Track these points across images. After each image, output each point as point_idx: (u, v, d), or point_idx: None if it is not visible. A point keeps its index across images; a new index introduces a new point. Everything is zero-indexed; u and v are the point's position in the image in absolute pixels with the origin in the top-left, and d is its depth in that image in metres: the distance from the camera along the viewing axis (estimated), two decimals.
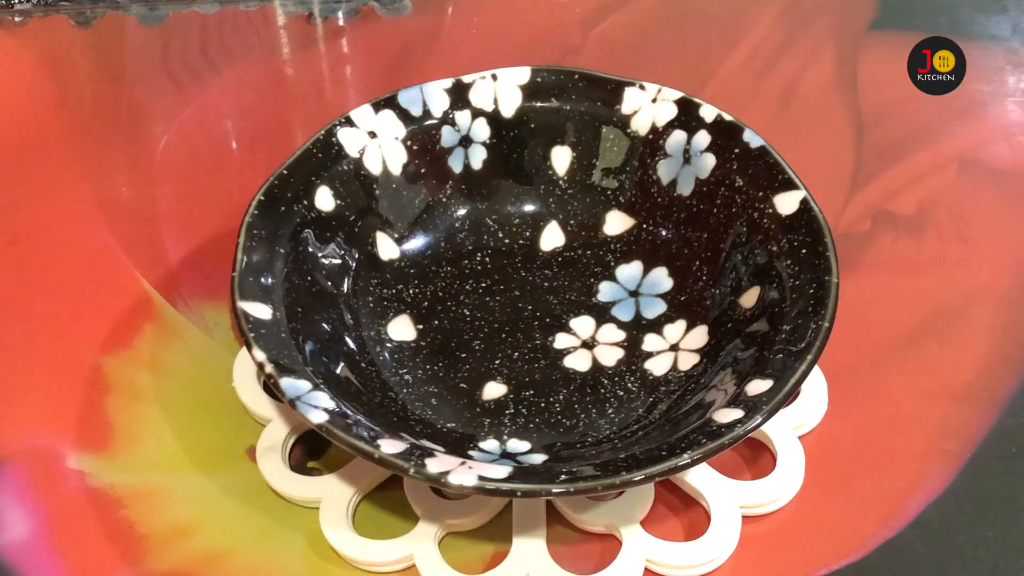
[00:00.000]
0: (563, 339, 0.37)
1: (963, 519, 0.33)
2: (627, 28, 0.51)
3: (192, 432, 0.36)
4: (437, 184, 0.40)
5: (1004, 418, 0.36)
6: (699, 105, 0.38)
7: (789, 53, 0.49)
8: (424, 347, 0.37)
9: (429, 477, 0.29)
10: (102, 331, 0.38)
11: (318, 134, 0.38)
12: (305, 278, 0.36)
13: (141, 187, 0.44)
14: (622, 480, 0.29)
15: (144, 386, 0.37)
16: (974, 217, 0.42)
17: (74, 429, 0.36)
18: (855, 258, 0.40)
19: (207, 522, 0.33)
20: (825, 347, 0.32)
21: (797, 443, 0.34)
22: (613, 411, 0.35)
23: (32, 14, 0.52)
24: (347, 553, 0.32)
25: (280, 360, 0.32)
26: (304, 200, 0.37)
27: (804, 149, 0.44)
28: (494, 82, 0.40)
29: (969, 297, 0.39)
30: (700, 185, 0.38)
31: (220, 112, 0.47)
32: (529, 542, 0.32)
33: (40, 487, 0.34)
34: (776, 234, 0.35)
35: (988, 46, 0.49)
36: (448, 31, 0.51)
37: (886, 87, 0.47)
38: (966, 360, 0.37)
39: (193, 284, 0.40)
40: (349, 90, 0.49)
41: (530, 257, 0.39)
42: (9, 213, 0.43)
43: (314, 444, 0.35)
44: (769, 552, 0.33)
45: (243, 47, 0.50)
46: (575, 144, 0.40)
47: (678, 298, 0.38)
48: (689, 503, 0.34)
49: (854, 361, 0.37)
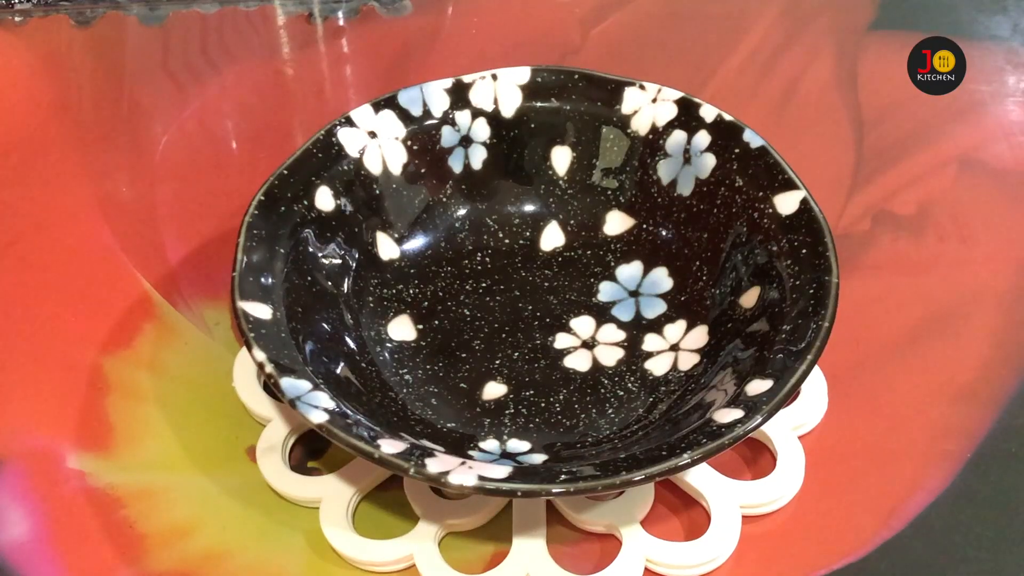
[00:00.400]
0: (563, 339, 0.37)
1: (963, 519, 0.33)
2: (627, 28, 0.51)
3: (192, 432, 0.36)
4: (437, 184, 0.40)
5: (1004, 418, 0.36)
6: (699, 105, 0.38)
7: (789, 53, 0.49)
8: (424, 347, 0.37)
9: (429, 477, 0.29)
10: (102, 331, 0.38)
11: (318, 134, 0.38)
12: (305, 278, 0.36)
13: (141, 187, 0.44)
14: (622, 480, 0.29)
15: (144, 386, 0.37)
16: (974, 217, 0.42)
17: (74, 429, 0.36)
18: (855, 258, 0.40)
19: (207, 522, 0.33)
20: (825, 347, 0.32)
21: (797, 443, 0.34)
22: (613, 411, 0.35)
23: (32, 14, 0.52)
24: (347, 553, 0.32)
25: (280, 360, 0.32)
26: (304, 200, 0.37)
27: (804, 149, 0.44)
28: (494, 82, 0.40)
29: (969, 297, 0.39)
30: (700, 185, 0.38)
31: (220, 112, 0.47)
32: (529, 542, 0.32)
33: (40, 487, 0.34)
34: (776, 234, 0.35)
35: (988, 46, 0.49)
36: (448, 31, 0.51)
37: (886, 87, 0.47)
38: (966, 360, 0.37)
39: (193, 284, 0.40)
40: (349, 90, 0.49)
41: (530, 257, 0.39)
42: (9, 213, 0.43)
43: (314, 444, 0.35)
44: (769, 552, 0.33)
45: (243, 47, 0.50)
46: (575, 144, 0.40)
47: (678, 298, 0.38)
48: (689, 503, 0.34)
49: (854, 361, 0.37)
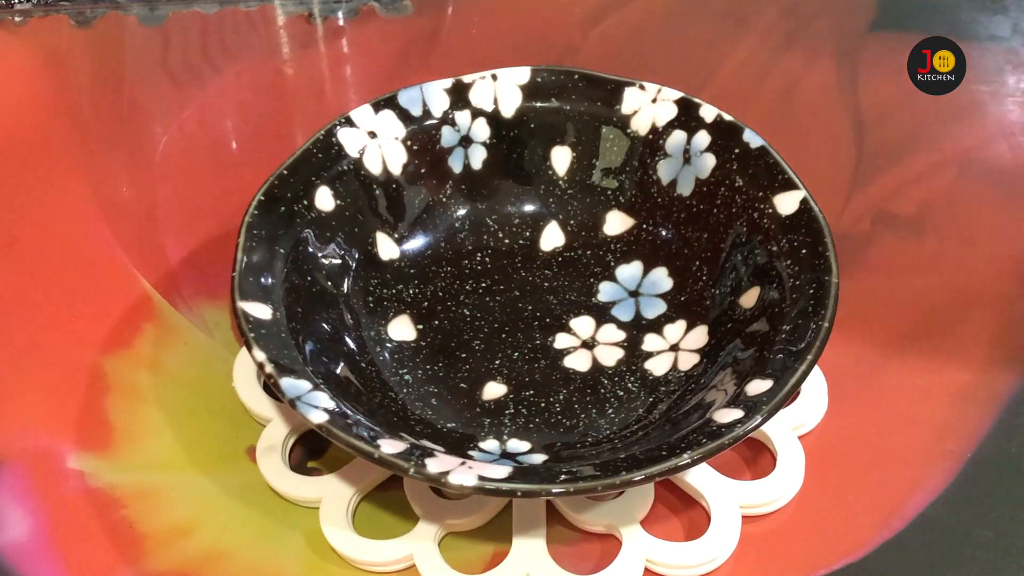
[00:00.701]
0: (563, 339, 0.37)
1: (963, 519, 0.33)
2: (627, 28, 0.51)
3: (192, 432, 0.36)
4: (437, 184, 0.40)
5: (1004, 418, 0.36)
6: (699, 105, 0.38)
7: (789, 53, 0.49)
8: (424, 347, 0.37)
9: (429, 477, 0.29)
10: (102, 331, 0.38)
11: (318, 134, 0.38)
12: (305, 278, 0.36)
13: (141, 187, 0.44)
14: (622, 480, 0.29)
15: (144, 386, 0.37)
16: (974, 217, 0.42)
17: (74, 429, 0.36)
18: (855, 258, 0.40)
19: (207, 522, 0.33)
20: (825, 347, 0.32)
21: (797, 443, 0.34)
22: (613, 411, 0.35)
23: (32, 14, 0.52)
24: (347, 553, 0.32)
25: (280, 360, 0.32)
26: (304, 200, 0.37)
27: (804, 149, 0.44)
28: (494, 82, 0.40)
29: (969, 297, 0.39)
30: (700, 185, 0.38)
31: (220, 112, 0.47)
32: (529, 542, 0.32)
33: (40, 487, 0.34)
34: (776, 234, 0.35)
35: (988, 46, 0.49)
36: (448, 31, 0.51)
37: (886, 87, 0.47)
38: (966, 360, 0.37)
39: (193, 284, 0.40)
40: (349, 90, 0.49)
41: (530, 257, 0.39)
42: (9, 213, 0.43)
43: (314, 444, 0.35)
44: (769, 552, 0.33)
45: (243, 47, 0.50)
46: (575, 144, 0.40)
47: (678, 298, 0.38)
48: (689, 503, 0.34)
49: (854, 361, 0.37)
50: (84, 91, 0.48)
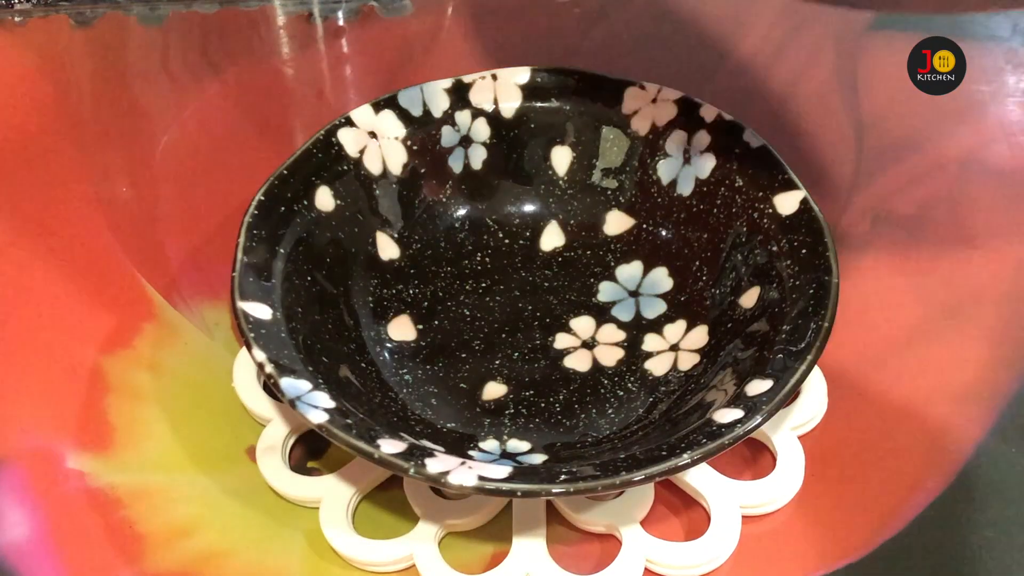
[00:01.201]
0: (563, 339, 0.37)
1: (963, 519, 0.33)
2: (627, 28, 0.51)
3: (192, 432, 0.36)
4: (437, 184, 0.40)
5: (1004, 418, 0.36)
6: (699, 105, 0.38)
7: (789, 53, 0.49)
8: (424, 347, 0.37)
9: (429, 477, 0.29)
10: (102, 331, 0.38)
11: (318, 134, 0.38)
12: (305, 278, 0.36)
13: (141, 187, 0.44)
14: (622, 480, 0.29)
15: (144, 386, 0.37)
16: (974, 217, 0.42)
17: (74, 429, 0.36)
18: (855, 258, 0.40)
19: (207, 522, 0.33)
20: (825, 347, 0.32)
21: (797, 443, 0.34)
22: (613, 411, 0.35)
23: (32, 14, 0.52)
24: (347, 553, 0.32)
25: (280, 360, 0.32)
26: (304, 200, 0.37)
27: (804, 149, 0.44)
28: (494, 82, 0.40)
29: (969, 297, 0.39)
30: (700, 185, 0.38)
31: (220, 112, 0.47)
32: (529, 542, 0.32)
33: (40, 487, 0.34)
34: (776, 234, 0.35)
35: (988, 46, 0.49)
36: (448, 31, 0.51)
37: (886, 87, 0.47)
38: (966, 360, 0.37)
39: (193, 284, 0.40)
40: (349, 90, 0.49)
41: (530, 257, 0.39)
42: (9, 213, 0.43)
43: (314, 444, 0.35)
44: (769, 552, 0.33)
45: (243, 47, 0.50)
46: (575, 144, 0.40)
47: (678, 298, 0.38)
48: (689, 503, 0.34)
49: (854, 361, 0.37)
50: (84, 91, 0.48)
